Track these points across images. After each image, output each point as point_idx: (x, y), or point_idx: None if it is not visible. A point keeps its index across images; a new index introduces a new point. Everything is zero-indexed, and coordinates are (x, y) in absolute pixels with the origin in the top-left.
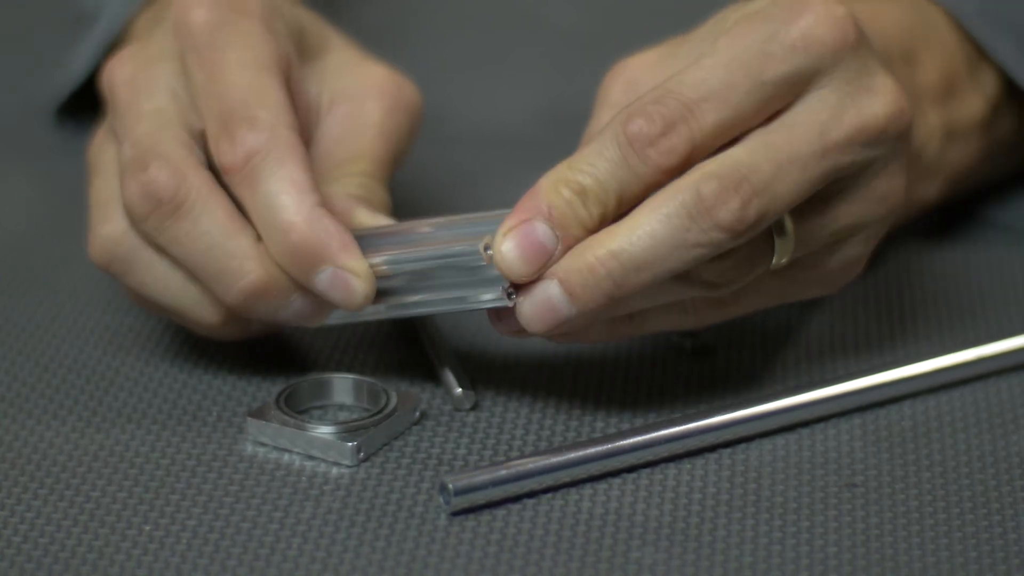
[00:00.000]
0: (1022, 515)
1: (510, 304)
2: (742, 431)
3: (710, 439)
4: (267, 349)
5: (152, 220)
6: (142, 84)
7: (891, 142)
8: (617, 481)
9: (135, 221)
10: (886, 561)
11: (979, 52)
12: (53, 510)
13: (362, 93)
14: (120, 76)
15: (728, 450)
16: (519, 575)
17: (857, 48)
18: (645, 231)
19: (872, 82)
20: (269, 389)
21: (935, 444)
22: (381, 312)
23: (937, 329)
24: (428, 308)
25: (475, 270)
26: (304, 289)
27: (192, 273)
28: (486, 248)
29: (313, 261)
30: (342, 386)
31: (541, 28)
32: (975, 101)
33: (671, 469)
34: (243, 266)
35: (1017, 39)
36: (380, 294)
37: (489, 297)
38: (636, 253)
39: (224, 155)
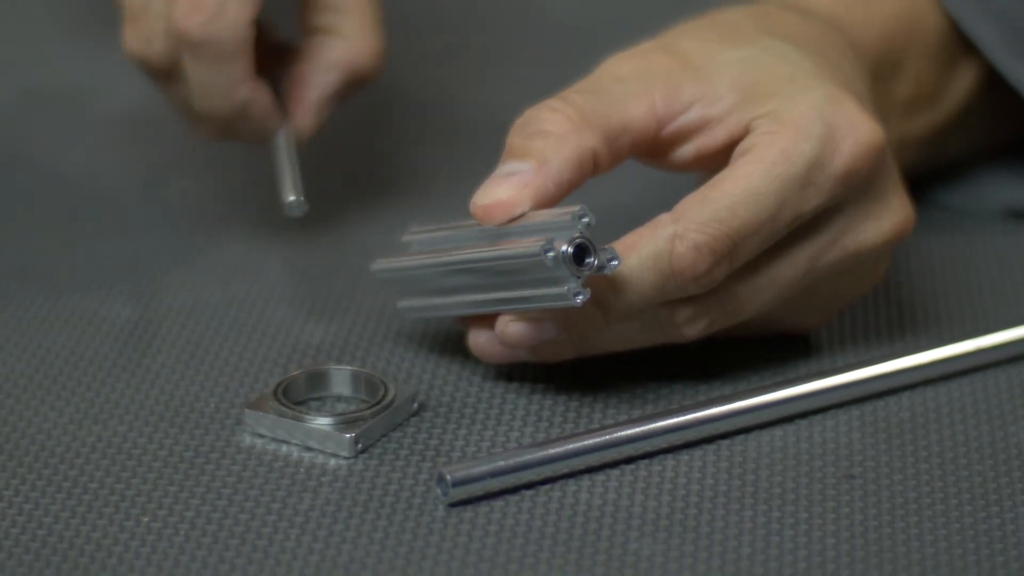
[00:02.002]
0: (1020, 506)
1: (576, 303)
2: (740, 422)
3: (708, 430)
4: (265, 340)
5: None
6: None
7: (885, 253)
8: (615, 472)
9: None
10: (884, 552)
11: (961, 44)
12: (51, 501)
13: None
14: None
15: (726, 441)
16: (517, 566)
17: (881, 171)
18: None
19: (884, 205)
20: (267, 380)
21: (933, 435)
22: (451, 308)
23: (935, 320)
24: (494, 307)
25: (539, 269)
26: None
27: None
28: (546, 251)
29: (239, 130)
30: (340, 377)
31: (543, 21)
32: (929, 117)
33: (669, 460)
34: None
35: (998, 22)
36: (448, 292)
37: (554, 295)
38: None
39: (181, 20)
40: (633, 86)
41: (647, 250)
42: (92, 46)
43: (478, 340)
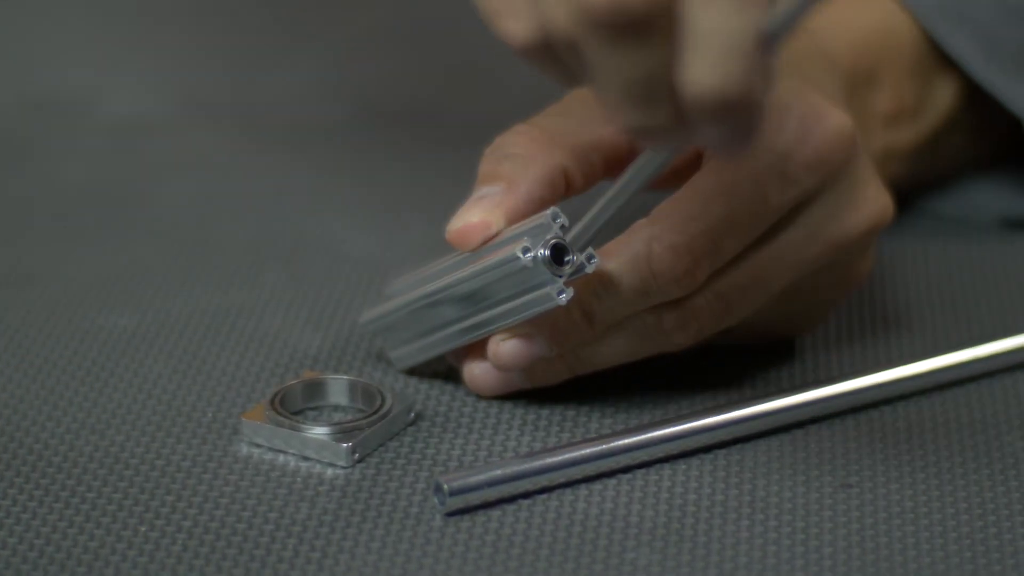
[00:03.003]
0: (1016, 515)
1: (561, 302)
2: (737, 432)
3: (705, 439)
4: (262, 349)
5: None
6: None
7: (866, 245)
8: (612, 482)
9: None
10: (881, 562)
11: (939, 59)
12: (48, 511)
13: None
14: None
15: (723, 451)
16: (514, 575)
17: (854, 160)
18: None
19: (860, 194)
20: (263, 390)
21: (929, 445)
22: (442, 343)
23: (931, 330)
24: (484, 329)
25: (520, 276)
26: None
27: None
28: (524, 252)
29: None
30: (337, 387)
31: None
32: (914, 129)
33: (666, 470)
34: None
35: (975, 36)
36: (437, 327)
37: (538, 299)
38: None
39: None
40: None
41: (625, 254)
42: (90, 53)
43: (473, 373)
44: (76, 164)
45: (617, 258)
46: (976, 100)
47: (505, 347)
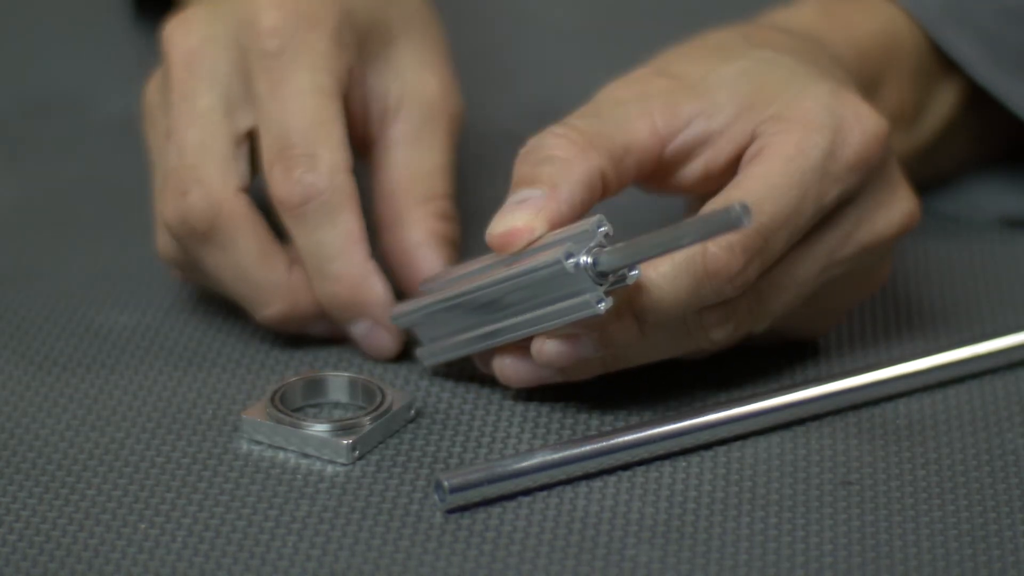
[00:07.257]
0: (1017, 512)
1: (600, 311)
2: (738, 429)
3: (705, 436)
4: (263, 347)
5: (187, 242)
6: (198, 69)
7: (891, 248)
8: (612, 479)
9: (173, 238)
10: (881, 559)
11: (940, 63)
12: (49, 508)
13: (426, 106)
14: (179, 47)
15: (723, 448)
16: (514, 573)
17: (888, 161)
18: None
19: (891, 196)
20: (264, 387)
21: (930, 442)
22: (473, 343)
23: (931, 327)
24: (516, 332)
25: (560, 281)
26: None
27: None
28: (567, 258)
29: (354, 313)
30: (337, 384)
31: (536, 25)
32: (914, 134)
33: (666, 467)
34: (269, 298)
35: (978, 40)
36: (469, 327)
37: (577, 306)
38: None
39: (279, 187)
40: (632, 108)
41: (680, 255)
42: (89, 53)
43: (504, 364)
44: (75, 164)
45: (672, 260)
46: (977, 104)
47: (550, 346)
